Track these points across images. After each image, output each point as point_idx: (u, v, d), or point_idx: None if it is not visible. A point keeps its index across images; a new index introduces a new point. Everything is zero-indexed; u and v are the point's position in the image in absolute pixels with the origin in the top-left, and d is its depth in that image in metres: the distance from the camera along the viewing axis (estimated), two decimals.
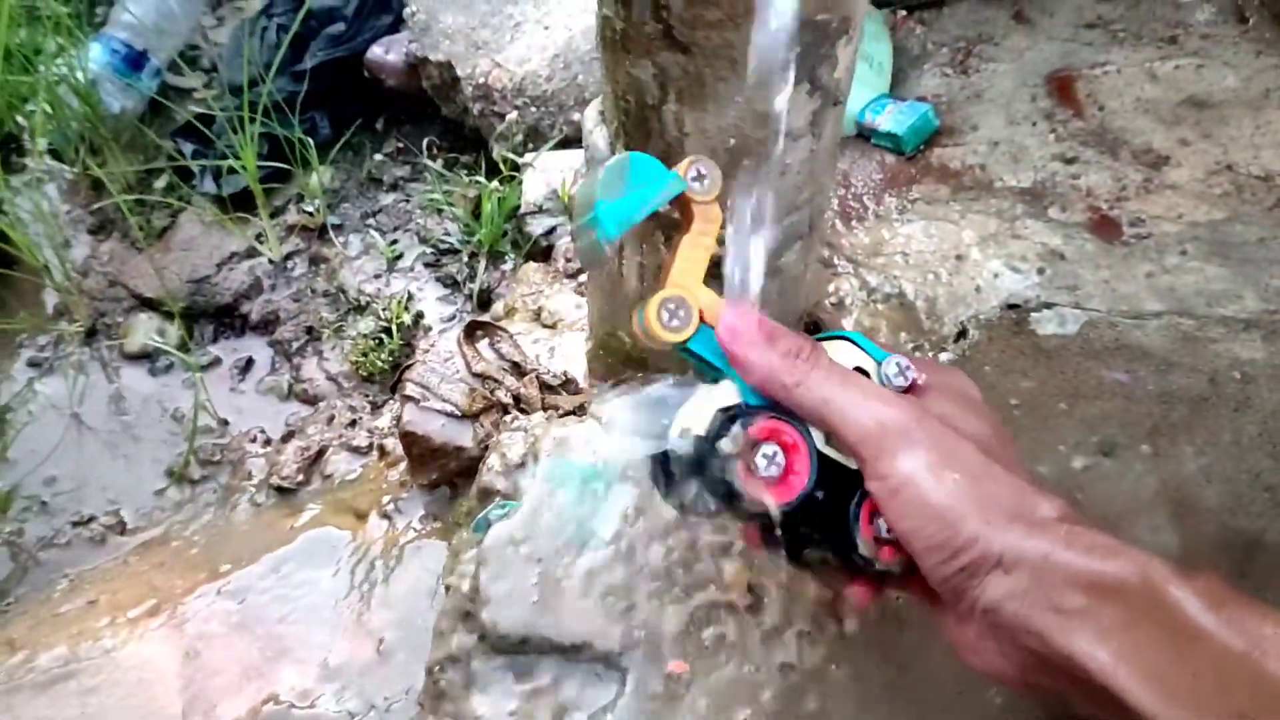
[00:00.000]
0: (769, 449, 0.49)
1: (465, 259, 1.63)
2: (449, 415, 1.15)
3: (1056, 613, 0.43)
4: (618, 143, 0.81)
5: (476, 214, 1.61)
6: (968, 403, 0.51)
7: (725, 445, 0.48)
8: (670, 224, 0.85)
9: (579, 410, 1.10)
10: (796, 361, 0.49)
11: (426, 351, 1.20)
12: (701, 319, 0.53)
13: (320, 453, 1.42)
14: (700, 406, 0.52)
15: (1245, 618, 0.41)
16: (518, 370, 1.16)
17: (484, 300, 1.57)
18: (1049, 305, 1.09)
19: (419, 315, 1.58)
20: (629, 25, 0.70)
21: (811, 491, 0.50)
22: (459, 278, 1.61)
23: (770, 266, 0.64)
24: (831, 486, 0.51)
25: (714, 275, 0.56)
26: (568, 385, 1.14)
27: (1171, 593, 0.42)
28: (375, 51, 1.75)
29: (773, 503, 0.49)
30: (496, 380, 1.15)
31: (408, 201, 1.75)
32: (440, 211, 1.69)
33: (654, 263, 0.87)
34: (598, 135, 0.84)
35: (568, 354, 1.18)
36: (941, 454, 0.46)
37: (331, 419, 1.46)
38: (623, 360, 1.04)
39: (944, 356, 1.05)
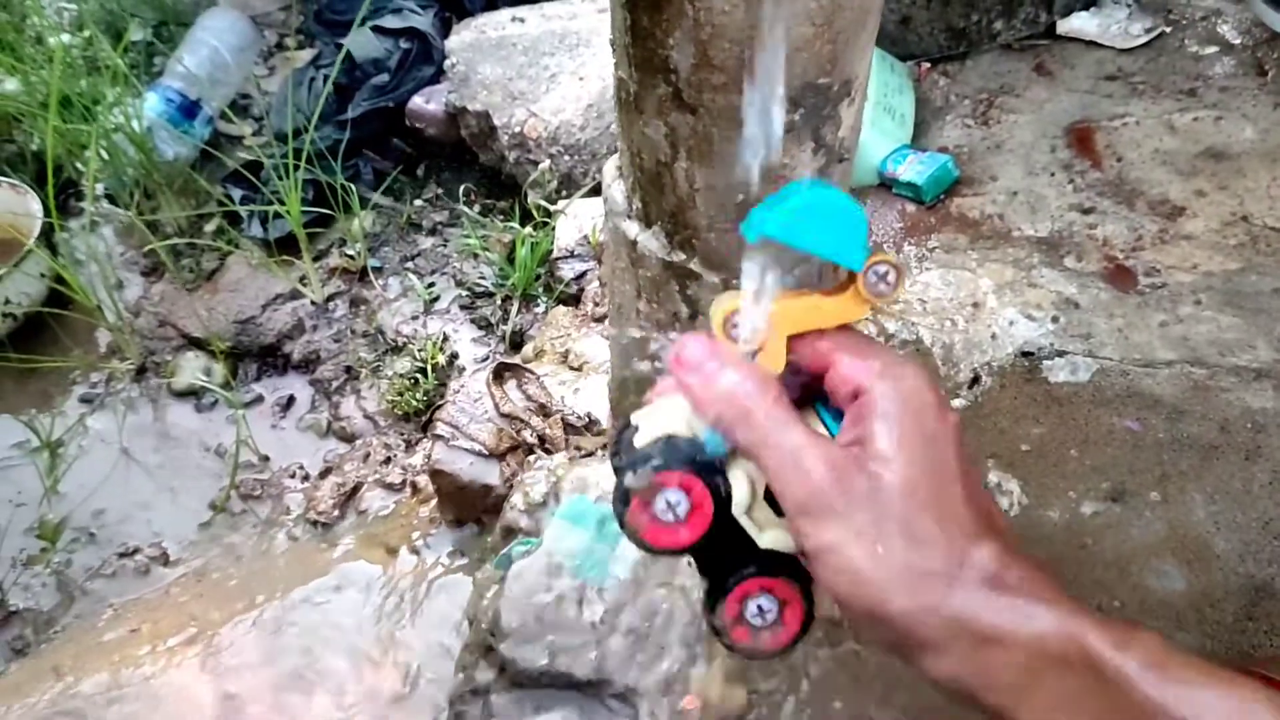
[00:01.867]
0: (674, 496, 0.48)
1: (499, 302, 1.67)
2: (477, 454, 1.18)
3: (988, 687, 0.43)
4: (634, 197, 0.85)
5: (511, 259, 1.66)
6: (915, 415, 0.46)
7: (629, 480, 0.47)
8: (685, 273, 0.89)
9: (601, 450, 1.13)
10: (742, 398, 0.46)
11: (457, 392, 1.24)
12: (756, 353, 0.48)
13: (356, 489, 1.46)
14: (670, 415, 0.50)
15: (1181, 679, 0.40)
16: (543, 411, 1.20)
17: (516, 342, 1.61)
18: (1062, 353, 1.11)
19: (454, 356, 1.63)
20: (641, 87, 0.75)
21: (689, 549, 0.49)
22: (493, 320, 1.66)
23: None
24: (727, 550, 0.50)
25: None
26: (591, 426, 1.17)
27: (1097, 650, 0.41)
28: (416, 101, 1.81)
29: (647, 544, 0.49)
30: (523, 421, 1.19)
31: (445, 246, 1.80)
32: (476, 256, 1.74)
33: (669, 310, 0.91)
34: (615, 189, 0.88)
35: (592, 395, 1.21)
36: (867, 520, 0.44)
37: (367, 456, 1.51)
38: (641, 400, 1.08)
39: (957, 402, 1.08)
